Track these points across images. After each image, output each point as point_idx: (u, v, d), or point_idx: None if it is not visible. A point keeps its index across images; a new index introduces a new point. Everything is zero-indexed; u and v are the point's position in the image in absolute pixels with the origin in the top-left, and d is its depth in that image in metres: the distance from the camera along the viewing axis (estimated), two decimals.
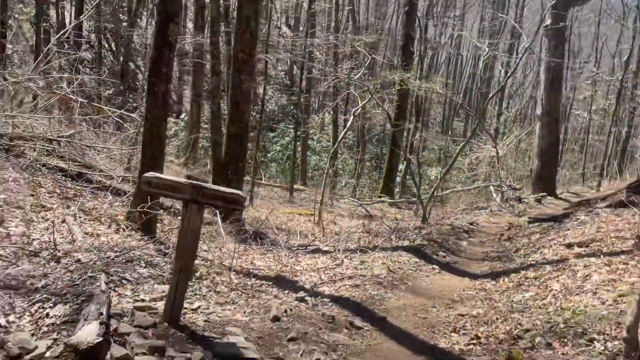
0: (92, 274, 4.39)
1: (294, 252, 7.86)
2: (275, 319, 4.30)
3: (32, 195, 7.21)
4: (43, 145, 9.09)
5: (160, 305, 4.04)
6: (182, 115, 24.19)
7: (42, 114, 9.81)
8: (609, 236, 7.09)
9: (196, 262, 5.63)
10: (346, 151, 24.85)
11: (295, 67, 30.85)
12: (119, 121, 13.38)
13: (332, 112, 21.76)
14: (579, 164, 27.83)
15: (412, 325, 4.75)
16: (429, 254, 7.72)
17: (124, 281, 4.47)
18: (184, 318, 4.06)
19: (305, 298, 4.91)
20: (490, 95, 23.84)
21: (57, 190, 7.94)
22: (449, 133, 30.77)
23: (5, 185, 7.02)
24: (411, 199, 19.15)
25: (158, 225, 7.18)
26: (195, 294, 4.65)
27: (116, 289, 4.29)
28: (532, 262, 6.63)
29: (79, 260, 4.91)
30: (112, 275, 4.46)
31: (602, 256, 6.10)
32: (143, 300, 4.23)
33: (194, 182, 3.69)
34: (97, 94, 19.61)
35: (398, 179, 21.57)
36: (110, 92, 20.06)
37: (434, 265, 7.10)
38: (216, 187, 3.69)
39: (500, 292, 5.63)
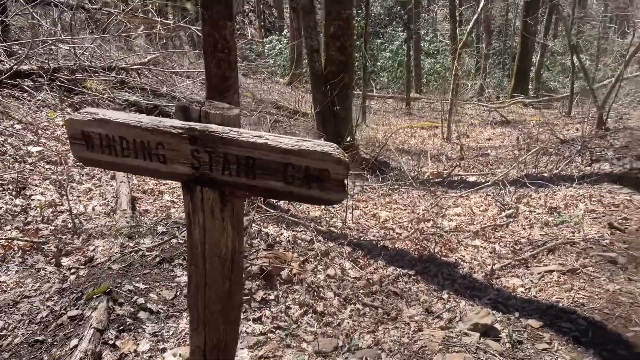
0: (84, 303, 2.20)
1: (430, 191, 5.25)
2: None
3: None
4: (114, 76, 7.14)
5: None
6: (284, 32, 21.50)
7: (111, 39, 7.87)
8: None
9: (290, 235, 3.27)
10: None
11: None
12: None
13: (447, 5, 17.68)
14: None
15: None
16: None
17: (140, 315, 2.23)
18: None
19: (494, 324, 2.31)
20: None
21: None
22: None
23: (48, 132, 5.12)
24: (555, 97, 15.19)
25: None
26: (281, 318, 2.30)
27: (119, 339, 2.06)
28: None
29: (90, 260, 2.78)
30: (122, 304, 2.24)
31: None
32: None
33: (197, 125, 1.15)
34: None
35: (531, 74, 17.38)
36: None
37: None
38: (260, 135, 1.12)
39: None
